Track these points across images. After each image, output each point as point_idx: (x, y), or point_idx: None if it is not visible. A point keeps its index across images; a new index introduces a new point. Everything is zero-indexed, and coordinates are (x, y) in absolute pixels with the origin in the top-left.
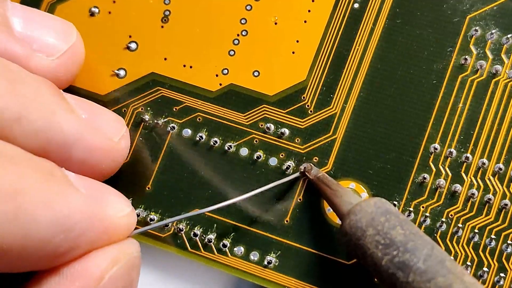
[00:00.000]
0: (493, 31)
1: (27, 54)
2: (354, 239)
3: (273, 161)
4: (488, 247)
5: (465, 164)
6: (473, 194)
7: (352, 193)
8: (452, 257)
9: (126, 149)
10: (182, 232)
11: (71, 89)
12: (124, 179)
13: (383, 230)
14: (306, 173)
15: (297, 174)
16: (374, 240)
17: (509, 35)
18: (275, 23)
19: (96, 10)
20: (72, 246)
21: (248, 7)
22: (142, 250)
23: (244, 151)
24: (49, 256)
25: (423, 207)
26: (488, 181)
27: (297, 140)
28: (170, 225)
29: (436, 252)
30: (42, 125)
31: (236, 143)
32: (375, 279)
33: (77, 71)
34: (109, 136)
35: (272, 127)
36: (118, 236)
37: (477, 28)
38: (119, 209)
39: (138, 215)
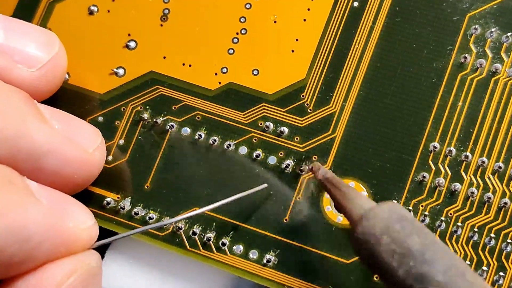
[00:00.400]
0: (493, 29)
1: (9, 66)
2: (367, 246)
3: (272, 160)
4: (488, 246)
5: (464, 162)
6: (472, 192)
7: (363, 196)
8: (471, 269)
9: (101, 161)
10: (181, 231)
11: (71, 89)
12: (123, 178)
13: (399, 238)
14: (313, 173)
15: (264, 185)
16: (390, 249)
17: (508, 34)
18: (275, 22)
19: (95, 8)
20: (27, 257)
21: (248, 6)
22: (141, 248)
23: (243, 150)
24: (2, 265)
25: (422, 206)
26: (487, 180)
27: (296, 138)
28: (169, 223)
29: (456, 264)
30: (11, 133)
31: (235, 142)
32: (386, 286)
33: (59, 82)
34: (83, 147)
35: (271, 125)
36: (78, 248)
37: (476, 26)
38: (81, 221)
39: (137, 214)
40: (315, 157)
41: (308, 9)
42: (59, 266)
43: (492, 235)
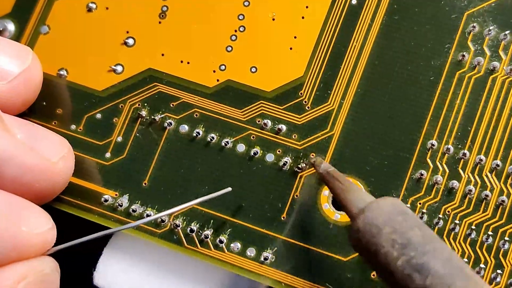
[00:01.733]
0: (491, 27)
1: None
2: (368, 236)
3: (270, 157)
4: (485, 244)
5: (462, 160)
6: (470, 190)
7: (364, 191)
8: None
9: (66, 170)
10: (179, 228)
11: (69, 85)
12: (121, 175)
13: (400, 229)
14: (315, 167)
15: (228, 189)
16: (391, 238)
17: (506, 32)
18: (273, 19)
19: (94, 5)
20: None
21: (246, 3)
22: (138, 245)
23: (241, 147)
24: None
25: (420, 203)
26: (485, 178)
27: (294, 136)
28: (166, 220)
29: (454, 257)
30: None
31: (233, 139)
32: (382, 279)
33: (33, 94)
34: (46, 156)
35: (269, 123)
36: (31, 253)
37: (475, 24)
38: (35, 226)
39: (135, 211)
40: (313, 155)
41: (307, 7)
42: (10, 270)
43: (490, 232)
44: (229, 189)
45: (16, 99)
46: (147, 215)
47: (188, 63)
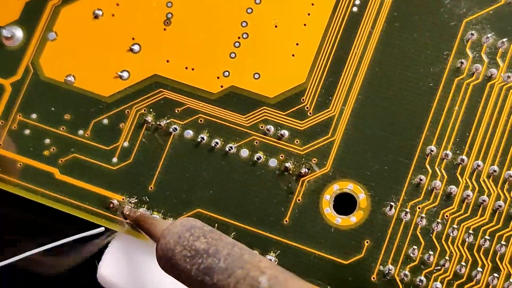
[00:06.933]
0: (489, 35)
1: None
2: (167, 260)
3: (273, 162)
4: (483, 248)
5: (460, 166)
6: (468, 195)
7: (164, 221)
8: (254, 251)
9: None
10: None
11: (76, 91)
12: (128, 179)
13: (188, 244)
14: (127, 218)
15: (101, 229)
16: (182, 255)
17: (504, 39)
18: (275, 26)
19: (100, 12)
20: None
21: (249, 10)
22: (142, 247)
23: (244, 152)
24: None
25: (419, 208)
26: (483, 183)
27: (297, 141)
28: None
29: (236, 249)
30: None
31: (236, 145)
32: None
33: None
34: None
35: (272, 128)
36: None
37: (473, 32)
38: None
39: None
40: (314, 160)
41: (308, 14)
42: None
43: (487, 237)
44: (102, 228)
45: None
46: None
47: (192, 69)
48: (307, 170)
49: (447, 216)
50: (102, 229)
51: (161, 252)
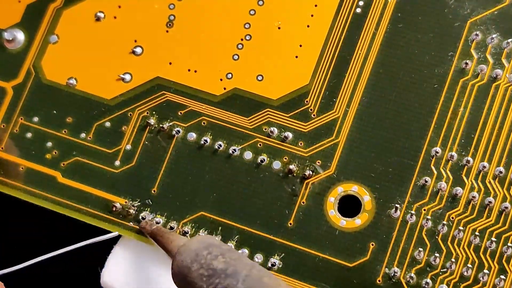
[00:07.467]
0: (494, 35)
1: None
2: (182, 277)
3: (276, 165)
4: (489, 249)
5: (466, 167)
6: (473, 197)
7: (181, 237)
8: (272, 273)
9: None
10: (188, 235)
11: (79, 94)
12: (131, 182)
13: (206, 262)
14: (143, 230)
15: (115, 233)
16: (199, 274)
17: (509, 40)
18: (279, 28)
19: (102, 15)
20: None
21: (252, 12)
22: (147, 253)
23: (248, 155)
24: None
25: (424, 209)
26: (488, 184)
27: (300, 143)
28: (175, 227)
29: (254, 272)
30: None
31: (240, 147)
32: None
33: None
34: None
35: (276, 130)
36: None
37: (477, 32)
38: None
39: (144, 218)
40: (318, 162)
41: (312, 16)
42: None
43: (493, 238)
44: (116, 233)
45: None
46: (157, 222)
47: (195, 71)
48: (311, 172)
49: (452, 218)
50: (116, 233)
51: (176, 269)
